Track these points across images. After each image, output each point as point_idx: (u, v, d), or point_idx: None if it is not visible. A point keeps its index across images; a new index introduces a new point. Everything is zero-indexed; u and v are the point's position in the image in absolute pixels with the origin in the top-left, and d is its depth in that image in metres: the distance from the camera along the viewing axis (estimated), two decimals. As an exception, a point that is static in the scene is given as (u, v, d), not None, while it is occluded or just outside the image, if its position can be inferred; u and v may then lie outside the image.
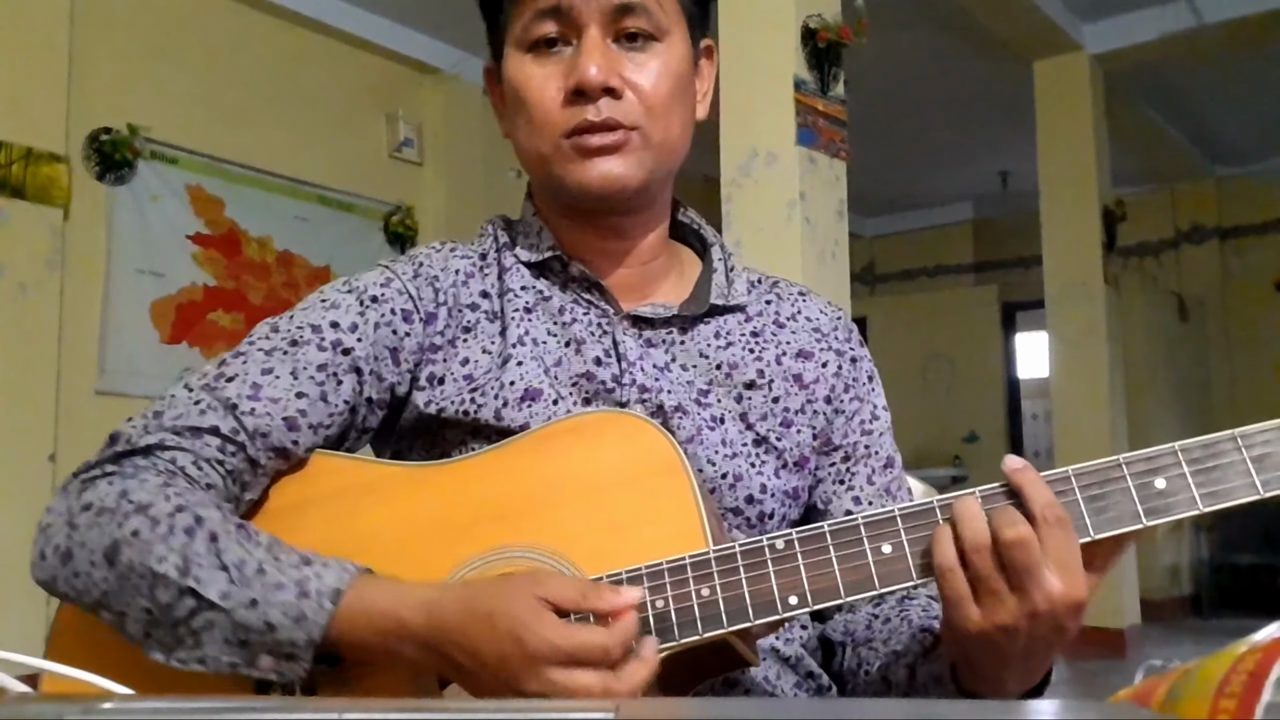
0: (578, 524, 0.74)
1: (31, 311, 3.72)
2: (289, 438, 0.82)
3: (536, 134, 0.89)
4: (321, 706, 0.35)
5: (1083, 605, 0.67)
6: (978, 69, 5.73)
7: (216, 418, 0.80)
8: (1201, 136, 6.99)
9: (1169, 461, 0.67)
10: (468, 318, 0.91)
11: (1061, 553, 0.66)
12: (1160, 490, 0.67)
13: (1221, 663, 0.40)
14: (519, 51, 0.89)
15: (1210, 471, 0.66)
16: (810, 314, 0.98)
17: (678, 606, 0.69)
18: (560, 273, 0.94)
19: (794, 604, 0.68)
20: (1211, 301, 7.59)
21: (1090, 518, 0.67)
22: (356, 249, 5.05)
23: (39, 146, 3.78)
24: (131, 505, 0.75)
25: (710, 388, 0.90)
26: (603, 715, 0.33)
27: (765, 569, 0.69)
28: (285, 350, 0.86)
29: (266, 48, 4.73)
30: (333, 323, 0.88)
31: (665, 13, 0.87)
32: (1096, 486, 0.68)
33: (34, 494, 3.64)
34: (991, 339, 8.33)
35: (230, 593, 0.70)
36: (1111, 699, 0.45)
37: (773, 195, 3.04)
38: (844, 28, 3.22)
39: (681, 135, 0.91)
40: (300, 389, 0.84)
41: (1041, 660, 0.70)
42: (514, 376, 0.86)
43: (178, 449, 0.79)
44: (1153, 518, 0.67)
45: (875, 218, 8.90)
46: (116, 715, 0.35)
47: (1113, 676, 4.76)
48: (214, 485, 0.79)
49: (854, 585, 0.68)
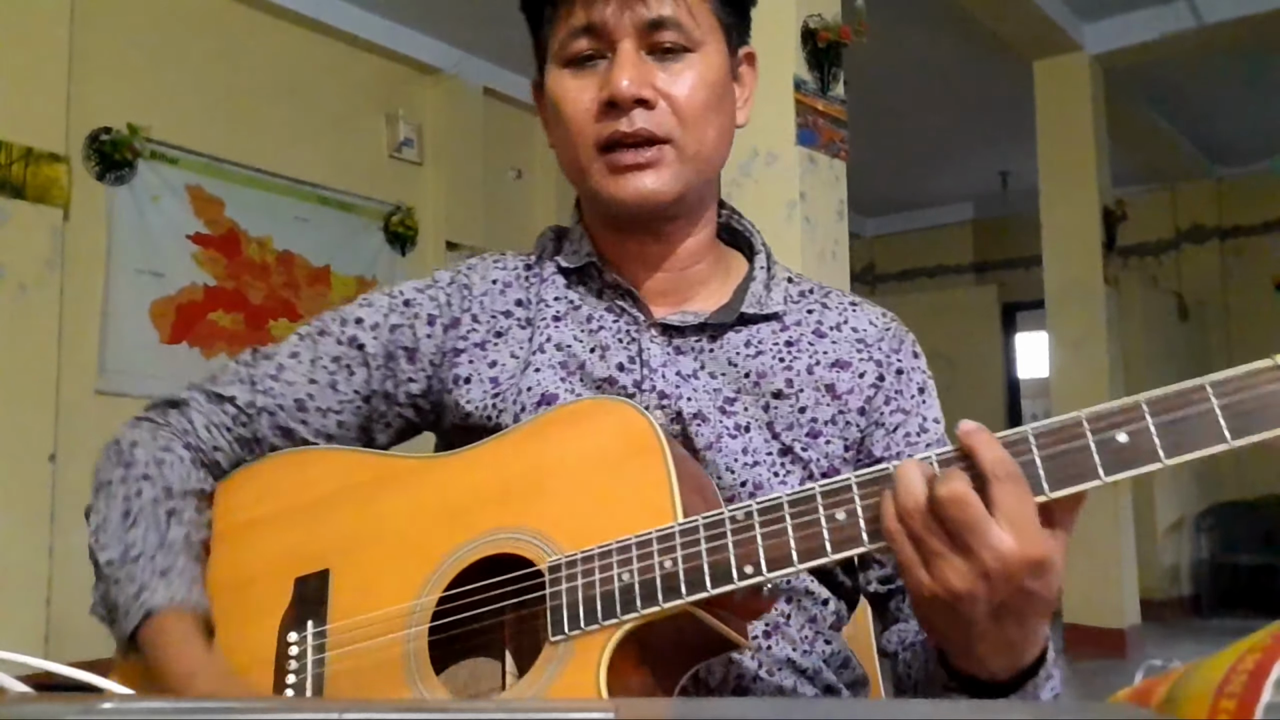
0: (561, 505, 0.76)
1: (31, 311, 3.72)
2: (297, 418, 0.94)
3: (573, 146, 0.91)
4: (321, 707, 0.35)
5: (1042, 563, 0.64)
6: (978, 69, 5.73)
7: (241, 389, 0.94)
8: (1201, 136, 6.99)
9: (1133, 415, 0.64)
10: (501, 324, 0.95)
11: (1012, 508, 0.63)
12: (1122, 444, 0.63)
13: (1221, 663, 0.40)
14: (557, 66, 0.91)
15: (1177, 423, 0.62)
16: (858, 324, 0.97)
17: (641, 579, 0.70)
18: (596, 279, 0.96)
19: (749, 573, 0.68)
20: (1211, 301, 7.59)
21: (1046, 476, 0.64)
22: (356, 249, 5.05)
23: (39, 146, 3.78)
24: (127, 457, 0.90)
25: (737, 396, 0.91)
26: (602, 715, 0.33)
27: (724, 540, 0.69)
28: (314, 339, 0.97)
29: (266, 48, 4.73)
30: (358, 319, 0.97)
31: (699, 25, 0.89)
32: (1055, 444, 0.65)
33: (34, 494, 3.64)
34: (991, 339, 8.34)
35: (114, 562, 0.84)
36: (1111, 699, 0.45)
37: (773, 195, 3.04)
38: (844, 28, 3.22)
39: (717, 144, 0.92)
40: (313, 375, 0.95)
41: (1016, 629, 0.67)
42: (531, 382, 0.90)
43: (198, 409, 0.94)
44: (1113, 472, 0.63)
45: (875, 218, 8.91)
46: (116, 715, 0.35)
47: (1113, 676, 4.76)
48: (219, 447, 0.93)
49: (807, 553, 0.68)
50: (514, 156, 5.79)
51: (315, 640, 0.81)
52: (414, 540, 0.80)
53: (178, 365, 4.19)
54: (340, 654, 0.79)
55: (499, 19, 5.28)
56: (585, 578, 0.72)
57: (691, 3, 0.88)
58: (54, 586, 3.65)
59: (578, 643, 0.71)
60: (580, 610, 0.71)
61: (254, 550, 0.88)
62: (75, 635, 3.57)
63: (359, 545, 0.83)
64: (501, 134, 5.68)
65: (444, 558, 0.78)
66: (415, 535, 0.81)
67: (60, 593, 3.65)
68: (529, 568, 0.75)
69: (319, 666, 0.80)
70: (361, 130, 5.12)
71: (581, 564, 0.72)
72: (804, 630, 0.90)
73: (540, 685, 0.70)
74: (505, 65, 5.58)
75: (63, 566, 3.65)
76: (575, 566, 0.72)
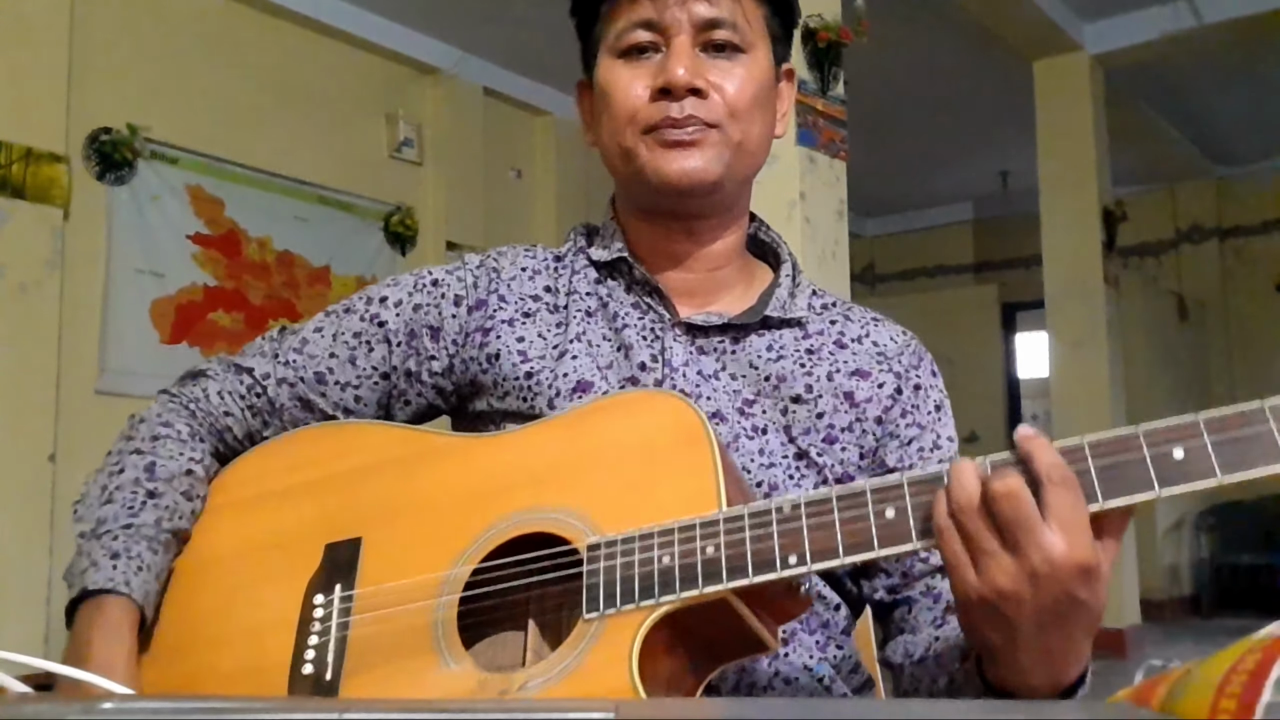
0: (603, 488, 0.77)
1: (31, 311, 3.72)
2: (316, 390, 0.96)
3: (620, 129, 0.93)
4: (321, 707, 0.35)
5: (1091, 570, 0.64)
6: (978, 69, 5.73)
7: (261, 361, 0.97)
8: (1201, 136, 6.99)
9: (1190, 432, 0.64)
10: (529, 305, 0.97)
11: (1064, 511, 0.63)
12: (1178, 460, 0.64)
13: (1221, 663, 0.40)
14: (611, 57, 0.94)
15: (1234, 442, 0.63)
16: (878, 339, 0.99)
17: (682, 562, 0.70)
18: (626, 274, 0.98)
19: (793, 563, 0.68)
20: (1211, 301, 7.59)
21: (1101, 485, 0.65)
22: (356, 249, 5.05)
23: (39, 146, 3.78)
24: (129, 430, 0.94)
25: (756, 398, 0.92)
26: (602, 715, 0.33)
27: (769, 529, 0.70)
28: (339, 315, 0.99)
29: (266, 48, 4.73)
30: (382, 297, 0.99)
31: (752, 29, 0.93)
32: (1111, 455, 0.65)
33: (34, 494, 3.64)
34: (991, 339, 8.34)
35: (84, 535, 0.87)
36: (1111, 699, 0.45)
37: (773, 195, 3.04)
38: (844, 28, 3.23)
39: (760, 143, 0.95)
40: (334, 350, 0.97)
41: (1059, 638, 0.67)
42: (568, 369, 0.92)
43: (213, 378, 0.96)
44: (1167, 486, 0.64)
45: (875, 218, 8.90)
46: (116, 715, 0.35)
47: (1113, 676, 4.75)
48: (230, 413, 0.96)
49: (853, 547, 0.68)
50: (514, 156, 5.79)
51: (341, 604, 0.81)
52: (449, 514, 0.81)
53: (178, 365, 4.17)
54: (366, 618, 0.79)
55: (499, 19, 5.30)
56: (625, 558, 0.72)
57: (747, 8, 0.92)
58: (54, 586, 3.65)
59: (612, 621, 0.71)
60: (617, 589, 0.71)
61: (286, 515, 0.88)
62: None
63: (393, 516, 0.84)
64: (501, 134, 5.68)
65: (481, 532, 0.78)
66: (451, 509, 0.81)
67: (60, 593, 3.62)
68: (566, 547, 0.75)
69: (343, 630, 0.80)
70: (361, 130, 5.12)
71: (621, 544, 0.73)
72: (817, 635, 0.90)
73: (570, 661, 0.70)
74: (505, 65, 5.58)
75: (63, 566, 3.64)
76: (615, 546, 0.73)
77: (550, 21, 4.63)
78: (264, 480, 0.92)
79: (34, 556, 3.62)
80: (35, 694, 0.45)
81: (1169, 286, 7.55)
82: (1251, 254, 7.51)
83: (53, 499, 3.66)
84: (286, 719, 0.35)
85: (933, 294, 8.63)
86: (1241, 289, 7.52)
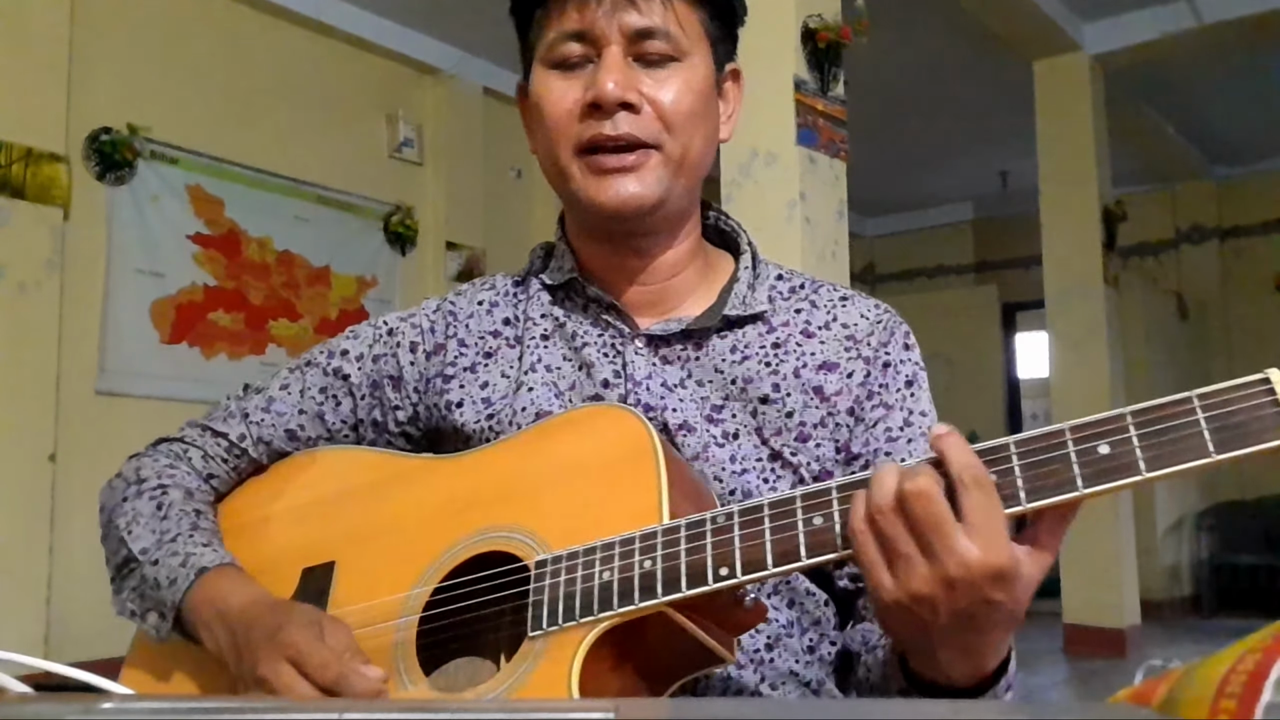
0: (554, 505, 0.78)
1: (31, 311, 3.72)
2: (289, 446, 0.98)
3: (554, 147, 0.89)
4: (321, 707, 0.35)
5: (1006, 574, 0.62)
6: (978, 69, 5.73)
7: (233, 424, 0.98)
8: (1201, 136, 6.99)
9: (1117, 426, 0.62)
10: (489, 344, 0.97)
11: (977, 515, 0.62)
12: (1104, 455, 0.61)
13: (1221, 663, 0.40)
14: (544, 68, 0.90)
15: (1161, 434, 0.61)
16: (848, 319, 0.94)
17: (620, 577, 0.71)
18: (580, 294, 0.95)
19: (724, 575, 0.68)
20: (1211, 301, 7.59)
21: (1024, 485, 0.63)
22: (356, 249, 5.05)
23: (39, 146, 3.78)
24: (135, 478, 0.95)
25: (725, 403, 0.90)
26: (602, 715, 0.33)
27: (704, 541, 0.69)
28: (301, 370, 1.00)
29: (266, 48, 4.73)
30: (343, 350, 1.00)
31: (686, 35, 0.88)
32: (1036, 454, 0.63)
33: (34, 494, 3.64)
34: (991, 339, 8.34)
35: (148, 549, 0.87)
36: (1111, 699, 0.45)
37: (773, 195, 3.04)
38: (844, 28, 3.22)
39: (703, 153, 0.91)
40: (302, 406, 0.98)
41: (976, 638, 0.66)
42: (525, 402, 0.91)
43: (193, 444, 0.98)
44: (1092, 484, 0.61)
45: (875, 218, 8.91)
46: (116, 715, 0.35)
47: (1113, 676, 4.76)
48: (214, 475, 0.97)
49: (782, 556, 0.67)
50: (514, 156, 5.79)
51: None
52: (415, 535, 0.83)
53: (178, 365, 4.19)
54: None
55: (499, 19, 5.24)
56: (568, 574, 0.73)
57: (681, 14, 0.88)
58: (54, 586, 3.65)
59: (554, 639, 0.71)
60: (560, 606, 0.72)
61: (266, 542, 0.92)
62: (75, 635, 3.57)
63: (365, 538, 0.86)
64: (501, 134, 5.68)
65: (441, 552, 0.80)
66: (417, 530, 0.83)
67: (60, 593, 3.65)
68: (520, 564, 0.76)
69: None
70: (361, 130, 5.12)
71: (566, 561, 0.73)
72: (809, 634, 0.89)
73: (515, 679, 0.71)
74: (505, 65, 5.58)
75: (63, 566, 3.65)
76: (560, 564, 0.73)
77: (550, 21, 4.64)
78: (250, 510, 0.96)
79: (34, 556, 3.62)
80: (35, 694, 0.45)
81: (1169, 286, 7.55)
82: (1251, 254, 7.51)
83: (53, 499, 3.65)
84: (286, 719, 0.35)
85: (933, 294, 8.63)
86: (1241, 289, 7.52)
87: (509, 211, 5.74)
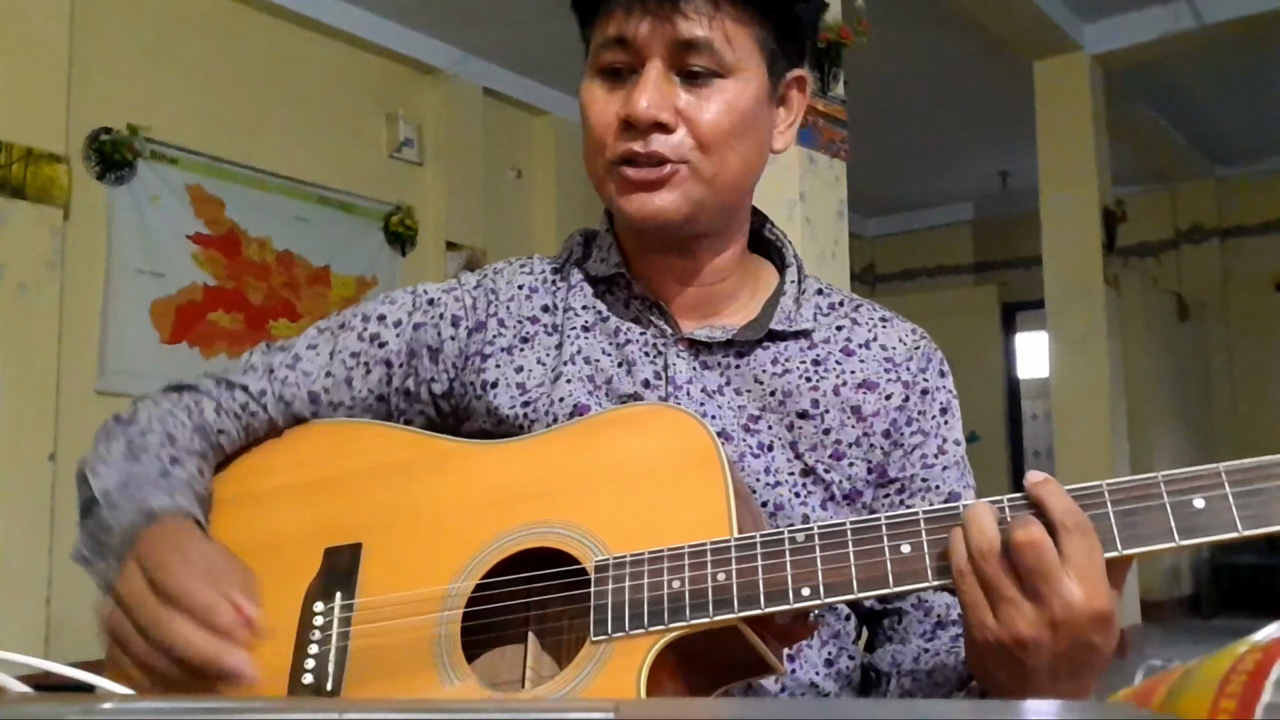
0: (611, 505, 0.76)
1: (31, 311, 3.72)
2: (309, 409, 0.94)
3: (593, 156, 0.90)
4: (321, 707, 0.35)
5: (1107, 617, 0.65)
6: (978, 69, 5.73)
7: (254, 378, 0.93)
8: (1201, 136, 6.99)
9: (1210, 481, 0.64)
10: (527, 329, 0.95)
11: (1081, 559, 0.64)
12: (1198, 510, 0.64)
13: (1221, 663, 0.40)
14: (591, 74, 0.90)
15: (1255, 494, 0.63)
16: (887, 341, 0.95)
17: (693, 588, 0.70)
18: (624, 289, 0.95)
19: (806, 595, 0.68)
20: (1211, 301, 7.59)
21: (1120, 532, 0.65)
22: (356, 249, 5.05)
23: (39, 146, 3.77)
24: (127, 417, 0.91)
25: (762, 414, 0.90)
26: (602, 715, 0.33)
27: (782, 559, 0.69)
28: (334, 332, 0.96)
29: (266, 48, 4.72)
30: (380, 315, 0.96)
31: (734, 49, 0.85)
32: (1130, 501, 0.65)
33: (34, 494, 3.64)
34: (991, 339, 8.33)
35: (109, 491, 0.82)
36: (1111, 699, 0.45)
37: (773, 195, 3.04)
38: (844, 28, 3.22)
39: (741, 171, 0.89)
40: (330, 369, 0.94)
41: (1070, 683, 0.67)
42: (564, 393, 0.90)
43: (207, 394, 0.93)
44: (1187, 537, 0.64)
45: (875, 218, 8.90)
46: (116, 715, 0.35)
47: (1113, 676, 4.74)
48: (224, 430, 0.92)
49: (868, 582, 0.68)
50: (514, 156, 5.79)
51: (342, 613, 0.80)
52: (452, 524, 0.80)
53: (178, 365, 4.18)
54: (367, 630, 0.79)
55: (499, 19, 5.29)
56: (633, 580, 0.71)
57: (729, 27, 0.85)
58: (54, 586, 3.65)
59: (620, 644, 0.70)
60: (626, 612, 0.71)
61: (284, 516, 0.87)
62: (75, 635, 3.57)
63: (394, 523, 0.83)
64: (501, 134, 5.68)
65: (484, 545, 0.78)
66: (454, 519, 0.80)
67: (60, 593, 3.65)
68: (571, 564, 0.74)
69: (344, 640, 0.79)
70: (361, 130, 5.11)
71: (630, 566, 0.72)
72: (829, 647, 0.89)
73: (577, 683, 0.70)
74: (505, 65, 5.58)
75: (63, 566, 3.65)
76: (624, 568, 0.72)
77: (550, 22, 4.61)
78: (266, 477, 0.91)
79: (34, 556, 3.62)
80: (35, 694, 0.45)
81: (1169, 286, 7.54)
82: (1251, 254, 7.51)
83: (53, 499, 3.65)
84: (286, 719, 0.35)
85: (933, 294, 8.63)
86: (1241, 289, 7.52)
87: (509, 211, 5.74)
